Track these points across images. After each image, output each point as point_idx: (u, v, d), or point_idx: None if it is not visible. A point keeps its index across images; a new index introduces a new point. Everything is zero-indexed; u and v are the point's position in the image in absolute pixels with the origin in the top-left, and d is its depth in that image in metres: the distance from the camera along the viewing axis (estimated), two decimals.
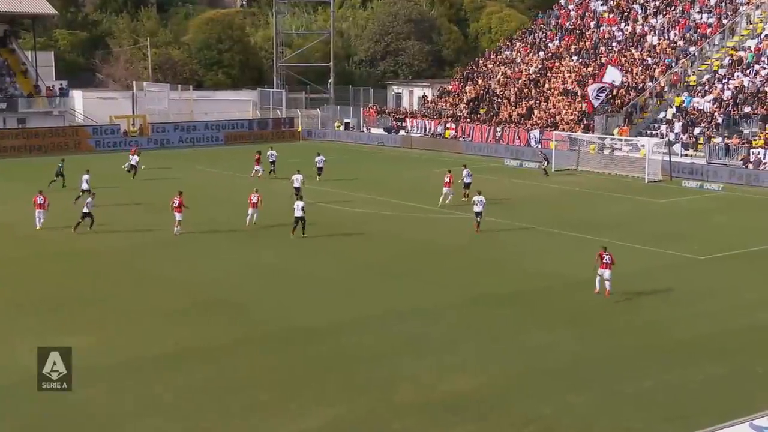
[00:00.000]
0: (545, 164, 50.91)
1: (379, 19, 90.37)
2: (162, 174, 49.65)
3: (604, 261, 24.93)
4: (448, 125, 65.53)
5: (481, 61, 73.67)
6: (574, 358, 20.18)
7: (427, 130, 67.31)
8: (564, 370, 19.49)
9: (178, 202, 32.84)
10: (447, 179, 39.18)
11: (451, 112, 67.55)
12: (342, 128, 73.01)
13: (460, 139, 63.70)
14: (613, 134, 55.02)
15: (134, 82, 74.79)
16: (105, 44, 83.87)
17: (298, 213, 32.05)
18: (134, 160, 48.80)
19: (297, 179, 39.49)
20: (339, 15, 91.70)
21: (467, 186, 40.33)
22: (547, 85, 63.94)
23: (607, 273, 24.78)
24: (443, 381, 18.82)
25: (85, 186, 39.00)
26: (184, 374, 19.18)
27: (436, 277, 27.49)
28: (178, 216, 32.75)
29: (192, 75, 79.90)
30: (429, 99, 73.24)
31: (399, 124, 69.95)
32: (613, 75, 57.39)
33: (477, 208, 33.55)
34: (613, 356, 20.34)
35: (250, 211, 34.09)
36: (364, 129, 72.63)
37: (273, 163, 48.75)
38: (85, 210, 33.05)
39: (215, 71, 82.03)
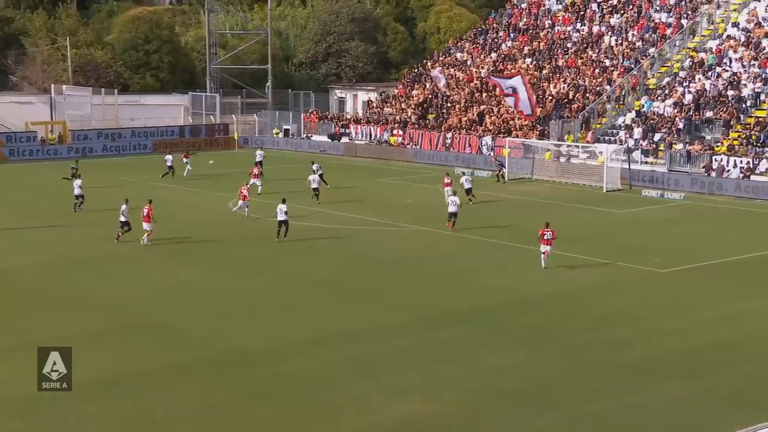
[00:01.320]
0: (500, 170, 51.45)
1: (320, 18, 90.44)
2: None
3: (544, 238, 29.57)
4: (394, 132, 65.79)
5: (429, 63, 74.18)
6: (533, 380, 20.37)
7: (373, 137, 67.47)
8: (522, 392, 19.66)
9: (146, 211, 33.36)
10: (446, 180, 43.03)
11: (398, 117, 67.84)
12: (281, 135, 72.82)
13: (408, 146, 63.99)
14: (568, 141, 55.78)
15: (52, 85, 73.64)
16: (19, 44, 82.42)
17: (281, 217, 33.92)
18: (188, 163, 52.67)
19: (314, 180, 43.57)
20: (277, 13, 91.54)
21: (468, 192, 43.14)
22: (499, 89, 64.57)
23: (548, 248, 29.68)
24: (393, 405, 18.83)
25: (78, 191, 41.06)
26: (102, 405, 18.83)
27: (385, 294, 27.54)
28: (146, 226, 33.39)
29: (117, 78, 78.97)
30: (374, 104, 73.48)
31: (342, 130, 70.05)
32: (515, 82, 58.15)
33: (451, 209, 36.70)
34: (573, 377, 20.57)
35: (240, 203, 38.24)
36: (305, 136, 72.54)
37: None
38: (123, 218, 34.00)
39: (142, 74, 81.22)
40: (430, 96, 68.55)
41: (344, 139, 68.86)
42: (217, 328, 24.16)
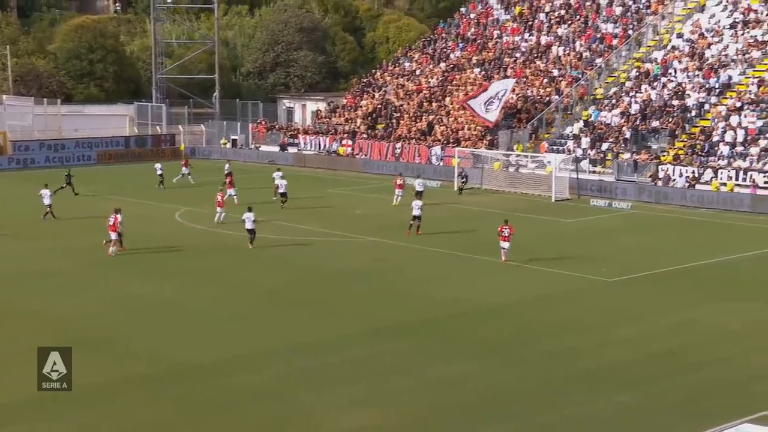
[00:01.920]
0: (463, 182, 51.66)
1: (268, 27, 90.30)
2: (22, 197, 48.16)
3: (503, 234, 32.62)
4: (343, 142, 65.85)
5: (378, 73, 74.43)
6: (483, 391, 20.52)
7: (322, 147, 67.46)
8: (472, 404, 19.79)
9: (113, 220, 33.42)
10: (399, 181, 45.82)
11: (347, 127, 67.92)
12: (229, 145, 72.45)
13: (357, 156, 64.10)
14: (518, 150, 56.31)
15: None
16: None
17: (249, 225, 34.79)
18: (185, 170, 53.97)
19: (282, 185, 45.09)
20: (224, 23, 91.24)
21: (419, 194, 43.70)
22: (448, 99, 65.05)
23: (506, 244, 32.63)
24: (342, 418, 18.85)
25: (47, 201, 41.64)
26: (43, 422, 18.55)
27: (337, 305, 27.56)
28: (113, 235, 33.43)
29: (60, 88, 77.96)
30: (323, 114, 73.49)
31: (290, 140, 69.92)
32: (499, 86, 58.84)
33: (415, 212, 37.94)
34: (523, 388, 20.77)
35: (218, 209, 39.41)
36: (253, 146, 72.27)
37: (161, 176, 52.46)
38: (120, 229, 34.09)
39: (86, 84, 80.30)
40: (379, 106, 68.77)
41: (293, 150, 68.74)
42: (165, 341, 23.97)
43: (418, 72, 71.45)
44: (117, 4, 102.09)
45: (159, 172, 53.13)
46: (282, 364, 22.17)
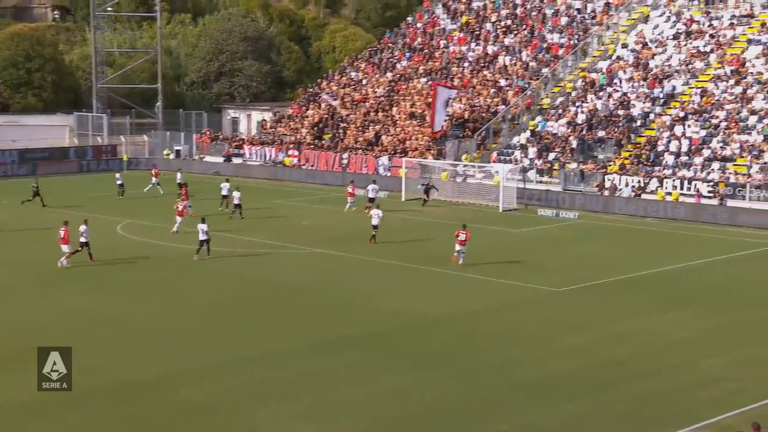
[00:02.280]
0: (433, 192, 51.49)
1: (212, 36, 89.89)
2: None
3: (459, 239, 34.01)
4: (289, 152, 65.69)
5: (324, 83, 74.43)
6: (430, 403, 20.58)
7: (267, 157, 67.21)
8: (419, 415, 19.84)
9: (63, 233, 33.41)
10: (350, 189, 47.13)
11: (293, 138, 67.78)
12: (172, 156, 71.86)
13: (303, 167, 63.98)
14: (466, 160, 56.67)
15: None
16: None
17: (202, 236, 34.80)
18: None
19: (237, 196, 45.12)
20: (167, 31, 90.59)
21: (372, 201, 45.49)
22: (395, 108, 65.26)
23: (460, 248, 34.01)
24: None
25: None
26: None
27: (282, 318, 27.46)
28: (65, 248, 33.43)
29: None
30: (268, 124, 73.26)
31: (235, 151, 69.57)
32: (445, 94, 59.32)
33: (374, 221, 38.60)
34: (470, 398, 20.87)
35: (177, 219, 39.68)
36: (197, 157, 71.76)
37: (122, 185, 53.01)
38: (83, 239, 33.96)
39: (23, 93, 79.07)
40: (325, 116, 68.75)
41: (237, 160, 68.39)
42: (109, 356, 23.65)
43: (364, 82, 71.61)
44: (55, 12, 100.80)
45: (119, 182, 53.04)
46: (228, 378, 22.01)
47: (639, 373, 22.71)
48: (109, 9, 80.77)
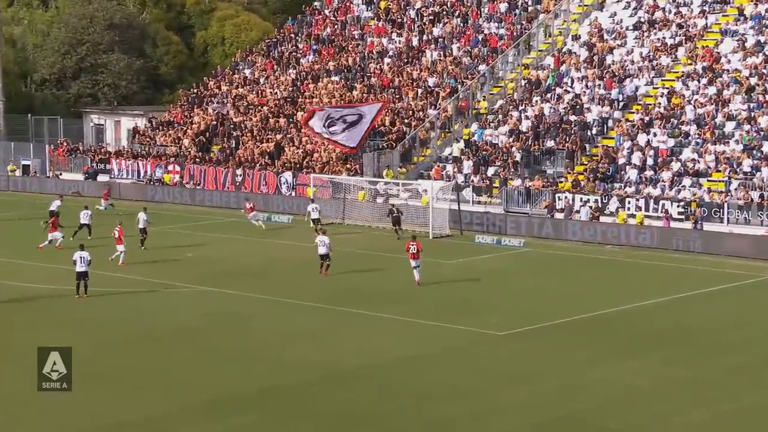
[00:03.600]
0: (396, 218, 50.65)
1: (69, 23, 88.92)
2: None
3: (410, 252, 37.79)
4: (169, 168, 65.33)
5: (211, 82, 74.30)
6: None
7: (141, 174, 66.72)
8: None
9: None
10: (250, 205, 50.99)
11: (174, 149, 67.47)
12: (18, 173, 70.82)
13: (187, 185, 63.68)
14: (387, 177, 57.06)
15: None
16: None
17: (82, 267, 34.98)
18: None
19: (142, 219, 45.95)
20: (8, 16, 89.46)
21: (316, 222, 49.55)
22: (300, 113, 65.41)
23: (414, 262, 37.67)
24: None
25: None
26: None
27: (155, 376, 27.16)
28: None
29: None
30: (142, 132, 72.78)
31: (99, 166, 68.93)
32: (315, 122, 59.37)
33: (322, 250, 39.68)
34: None
35: (118, 247, 41.10)
36: (52, 174, 70.85)
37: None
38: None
39: None
40: (213, 123, 68.59)
41: (103, 177, 67.72)
42: None
43: (261, 81, 71.70)
44: None
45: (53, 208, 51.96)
46: None
47: None
48: None
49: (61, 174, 70.35)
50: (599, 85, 58.52)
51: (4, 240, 48.96)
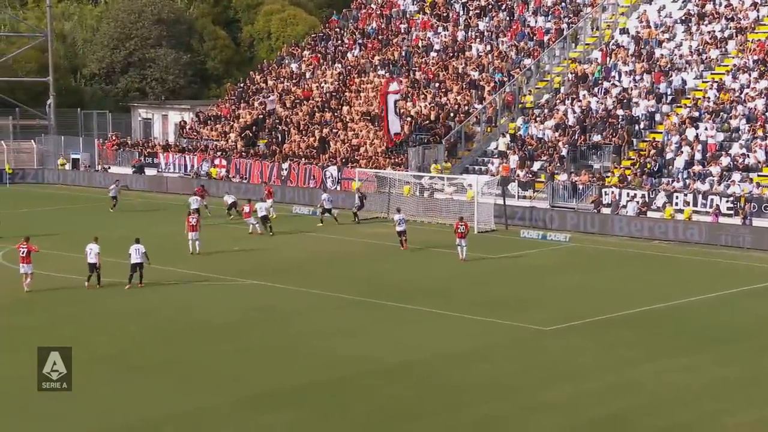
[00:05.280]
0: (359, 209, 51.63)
1: (118, 18, 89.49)
2: None
3: (458, 231, 40.90)
4: (216, 162, 65.47)
5: (258, 77, 74.36)
6: None
7: (188, 168, 66.92)
8: None
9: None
10: (247, 209, 48.69)
11: (221, 144, 67.57)
12: (68, 167, 71.29)
13: (233, 179, 63.76)
14: (434, 171, 56.82)
15: None
16: None
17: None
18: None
19: (262, 207, 48.38)
20: (59, 12, 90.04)
21: (328, 212, 51.46)
22: (346, 108, 65.35)
23: (462, 241, 40.72)
24: None
25: None
26: None
27: (197, 370, 27.12)
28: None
29: None
30: (189, 126, 73.01)
31: (147, 160, 69.19)
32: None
33: (399, 228, 43.77)
34: None
35: (191, 235, 42.74)
36: (100, 167, 71.24)
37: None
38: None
39: None
40: (260, 117, 68.64)
41: (151, 171, 68.01)
42: None
43: (308, 75, 71.66)
44: None
45: (113, 193, 56.82)
46: None
47: (641, 431, 22.76)
48: None
49: (109, 168, 70.71)
50: (647, 79, 57.87)
51: (58, 230, 49.02)
